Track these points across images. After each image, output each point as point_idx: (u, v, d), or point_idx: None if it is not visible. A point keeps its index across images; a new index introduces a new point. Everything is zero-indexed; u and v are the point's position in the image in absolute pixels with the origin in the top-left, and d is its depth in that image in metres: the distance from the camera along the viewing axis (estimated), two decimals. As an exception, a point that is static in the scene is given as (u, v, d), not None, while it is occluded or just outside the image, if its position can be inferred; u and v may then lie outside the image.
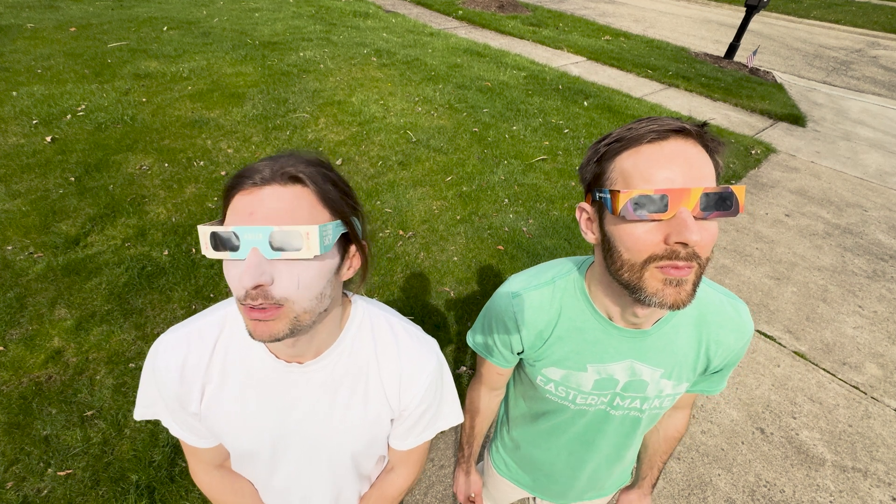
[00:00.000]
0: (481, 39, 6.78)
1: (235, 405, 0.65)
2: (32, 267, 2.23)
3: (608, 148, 0.59)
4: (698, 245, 0.52)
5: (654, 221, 0.53)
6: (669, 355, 0.71)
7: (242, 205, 0.51)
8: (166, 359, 0.63)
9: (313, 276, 0.53)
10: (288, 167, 0.52)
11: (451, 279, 2.51)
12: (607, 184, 0.58)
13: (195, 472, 0.76)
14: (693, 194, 0.51)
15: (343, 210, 0.56)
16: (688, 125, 0.54)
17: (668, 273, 0.53)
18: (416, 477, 0.83)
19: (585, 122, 4.46)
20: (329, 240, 0.52)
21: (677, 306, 0.55)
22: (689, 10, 12.22)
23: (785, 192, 3.85)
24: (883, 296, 2.81)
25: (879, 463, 1.88)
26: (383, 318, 0.71)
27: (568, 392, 0.76)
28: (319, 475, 0.73)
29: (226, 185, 0.54)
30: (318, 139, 3.59)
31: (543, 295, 0.74)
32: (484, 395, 0.93)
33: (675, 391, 0.75)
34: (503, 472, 1.02)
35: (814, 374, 2.24)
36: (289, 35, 5.73)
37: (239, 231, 0.49)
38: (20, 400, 1.72)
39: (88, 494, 1.50)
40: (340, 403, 0.67)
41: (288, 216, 0.50)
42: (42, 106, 3.48)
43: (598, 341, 0.71)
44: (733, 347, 0.73)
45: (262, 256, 0.49)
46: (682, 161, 0.53)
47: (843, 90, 6.90)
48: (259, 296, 0.50)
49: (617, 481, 0.97)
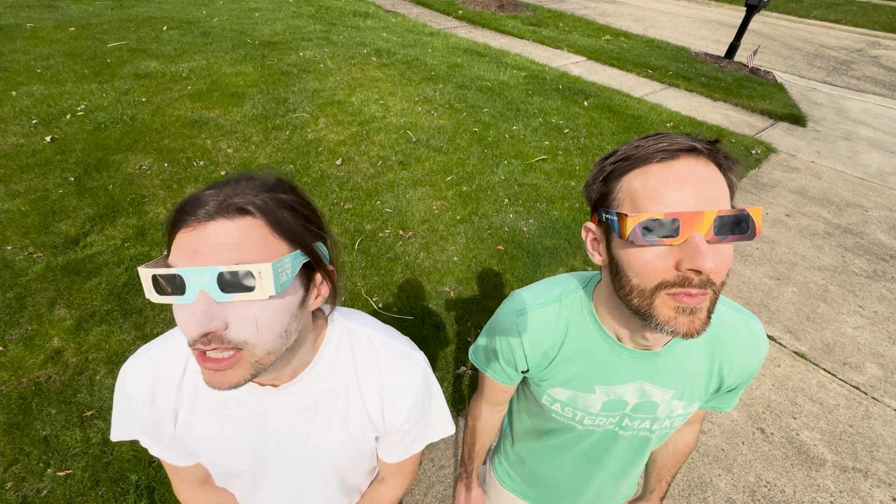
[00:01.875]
0: (481, 39, 6.77)
1: (210, 429, 0.62)
2: (32, 267, 2.23)
3: (615, 167, 0.56)
4: (712, 272, 0.49)
5: (665, 246, 0.50)
6: (681, 376, 0.69)
7: (185, 242, 0.46)
8: (135, 386, 0.60)
9: (273, 316, 0.48)
10: (235, 198, 0.46)
11: (451, 279, 2.51)
12: (614, 205, 0.55)
13: (178, 490, 0.74)
14: (706, 218, 0.48)
15: (303, 238, 0.51)
16: (699, 143, 0.51)
17: (681, 301, 0.51)
18: (408, 487, 0.82)
19: (586, 121, 4.46)
20: (287, 275, 0.47)
21: (691, 335, 0.52)
22: (689, 10, 12.21)
23: (785, 192, 3.84)
24: (883, 296, 2.81)
25: (880, 463, 1.87)
26: (363, 334, 0.67)
27: (575, 413, 0.74)
28: (305, 492, 0.72)
29: (168, 219, 0.48)
30: (318, 139, 3.59)
31: (549, 313, 0.71)
32: (486, 412, 0.90)
33: (686, 411, 0.72)
34: (507, 485, 1.00)
35: (814, 375, 2.24)
36: (288, 35, 5.73)
37: (183, 273, 0.44)
38: (20, 400, 1.71)
39: (88, 495, 1.49)
40: (319, 424, 0.64)
41: (237, 253, 0.45)
42: (41, 106, 3.48)
43: (606, 363, 0.69)
44: (747, 367, 0.70)
45: (212, 300, 0.45)
46: (693, 182, 0.50)
47: (844, 90, 6.89)
48: (212, 340, 0.45)
49: (623, 495, 0.96)
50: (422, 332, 2.20)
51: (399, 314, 2.26)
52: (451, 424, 0.76)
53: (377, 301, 2.33)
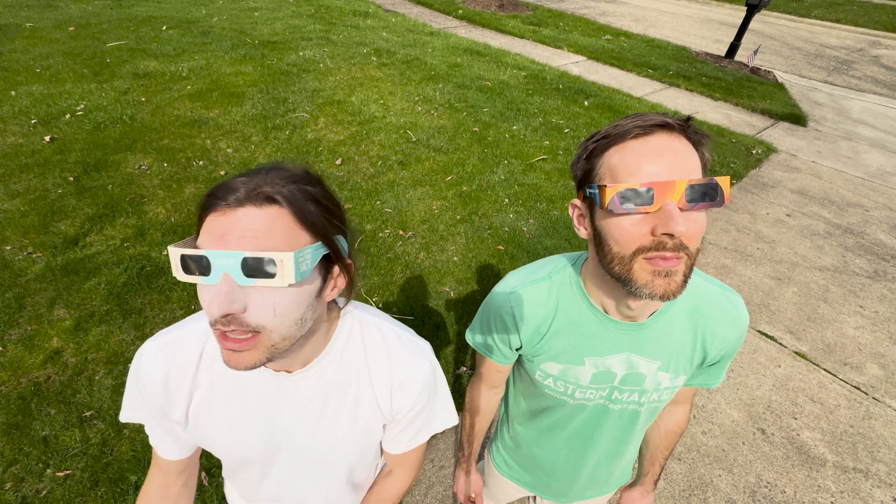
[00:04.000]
0: (481, 39, 6.77)
1: (224, 413, 0.64)
2: (31, 267, 2.22)
3: (596, 145, 0.60)
4: (685, 236, 0.53)
5: (642, 214, 0.54)
6: (666, 347, 0.72)
7: (215, 226, 0.48)
8: (149, 370, 0.62)
9: (290, 303, 0.51)
10: (264, 186, 0.49)
11: (451, 279, 2.51)
12: (596, 179, 0.59)
13: (145, 488, 0.72)
14: (678, 186, 0.52)
15: (325, 231, 0.53)
16: (671, 119, 0.55)
17: (657, 264, 0.54)
18: (414, 479, 0.83)
19: (586, 121, 4.45)
20: (307, 266, 0.50)
21: (668, 297, 0.55)
22: (689, 10, 12.20)
23: (786, 192, 3.84)
24: (884, 296, 2.80)
25: (881, 463, 1.87)
26: (374, 324, 0.69)
27: (566, 386, 0.77)
28: (311, 481, 0.73)
29: (199, 203, 0.51)
30: (318, 139, 3.58)
31: (540, 290, 0.75)
32: (484, 394, 0.93)
33: (672, 384, 0.75)
34: (504, 472, 1.03)
35: (815, 375, 2.24)
36: (288, 34, 5.72)
37: (210, 255, 0.46)
38: (19, 400, 1.71)
39: (87, 495, 1.49)
40: (330, 412, 0.66)
41: (263, 240, 0.47)
42: (41, 105, 3.48)
43: (594, 335, 0.72)
44: (729, 339, 0.74)
45: (234, 283, 0.47)
46: (667, 154, 0.54)
47: (845, 90, 6.88)
48: (232, 322, 0.48)
49: (618, 479, 0.98)
50: (422, 332, 2.19)
51: (399, 314, 2.26)
52: (455, 415, 0.78)
53: (377, 301, 2.32)
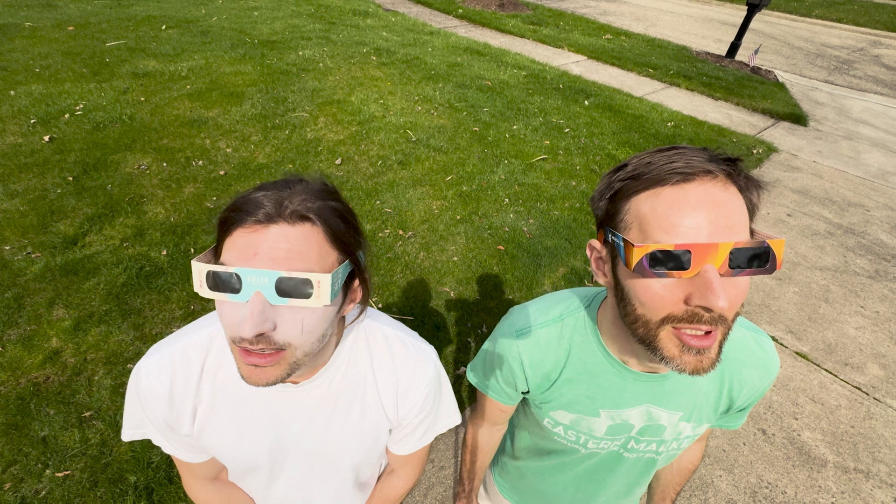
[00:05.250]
0: (481, 38, 6.76)
1: (229, 426, 0.63)
2: (30, 267, 2.22)
3: (623, 185, 0.51)
4: (724, 310, 0.44)
5: (675, 278, 0.46)
6: (689, 398, 0.66)
7: (245, 243, 0.46)
8: (151, 385, 0.60)
9: (318, 321, 0.50)
10: (296, 204, 0.47)
11: (451, 279, 2.50)
12: (621, 227, 0.51)
13: (189, 487, 0.74)
14: (721, 250, 0.44)
15: (352, 248, 0.52)
16: (717, 164, 0.46)
17: (688, 341, 0.47)
18: (417, 478, 0.83)
19: (586, 121, 4.44)
20: (338, 285, 0.49)
21: (698, 373, 0.48)
22: (690, 9, 12.19)
23: (787, 192, 3.83)
24: (885, 296, 2.80)
25: (881, 464, 1.87)
26: (378, 330, 0.69)
27: (579, 436, 0.71)
28: (319, 484, 0.73)
29: (222, 217, 0.49)
30: (318, 138, 3.58)
31: (551, 333, 0.68)
32: (485, 431, 0.87)
33: (694, 433, 0.69)
34: (507, 495, 0.99)
35: (816, 375, 2.23)
36: (288, 34, 5.71)
37: (242, 273, 0.45)
38: (18, 401, 1.71)
39: (87, 496, 1.49)
40: (337, 419, 0.66)
41: (297, 260, 0.46)
42: (40, 105, 3.47)
43: (611, 385, 0.65)
44: (758, 387, 0.67)
45: (267, 302, 0.46)
46: (708, 208, 0.45)
47: (845, 89, 6.87)
48: (260, 341, 0.47)
49: None
50: (422, 332, 2.18)
51: (399, 314, 2.25)
52: (458, 415, 0.79)
53: (377, 301, 2.32)
